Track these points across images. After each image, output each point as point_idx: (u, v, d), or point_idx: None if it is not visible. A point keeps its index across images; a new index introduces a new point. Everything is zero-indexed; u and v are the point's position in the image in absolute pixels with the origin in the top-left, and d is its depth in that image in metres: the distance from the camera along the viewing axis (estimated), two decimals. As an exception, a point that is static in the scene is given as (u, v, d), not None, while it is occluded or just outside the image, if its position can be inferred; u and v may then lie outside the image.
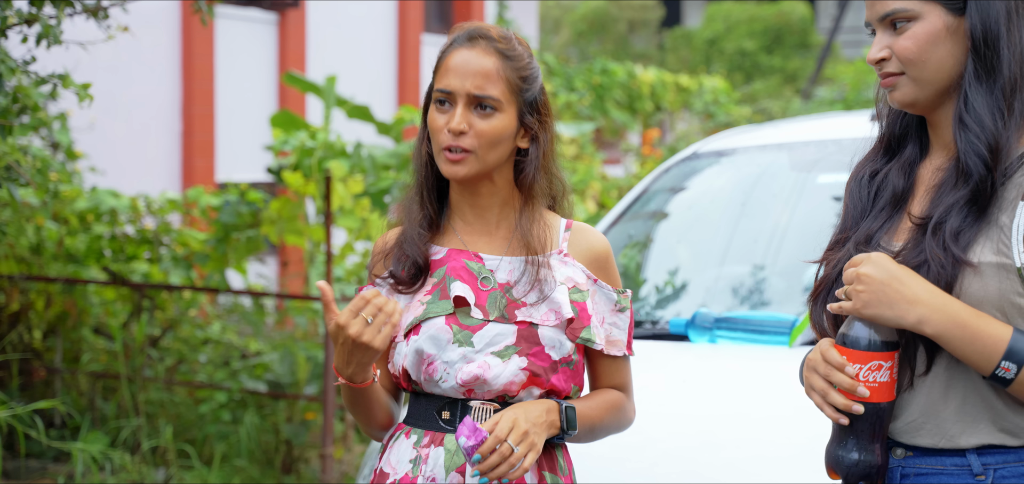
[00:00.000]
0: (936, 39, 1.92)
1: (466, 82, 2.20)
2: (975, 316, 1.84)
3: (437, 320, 2.23)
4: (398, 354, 2.25)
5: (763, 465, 2.69)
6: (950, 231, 1.87)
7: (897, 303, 1.85)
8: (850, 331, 1.91)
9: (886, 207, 2.02)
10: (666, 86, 14.63)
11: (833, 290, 2.01)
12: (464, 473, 2.20)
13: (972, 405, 1.91)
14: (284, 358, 6.18)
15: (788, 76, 22.84)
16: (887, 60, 1.95)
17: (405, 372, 2.26)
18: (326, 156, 6.27)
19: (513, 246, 2.29)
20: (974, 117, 1.89)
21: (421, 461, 2.23)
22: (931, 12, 1.92)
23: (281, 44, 10.87)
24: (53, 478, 5.93)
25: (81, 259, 6.43)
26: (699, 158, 3.88)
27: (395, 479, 2.24)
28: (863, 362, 1.88)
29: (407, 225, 2.30)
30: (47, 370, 6.38)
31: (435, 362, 2.22)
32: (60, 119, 7.25)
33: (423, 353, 2.22)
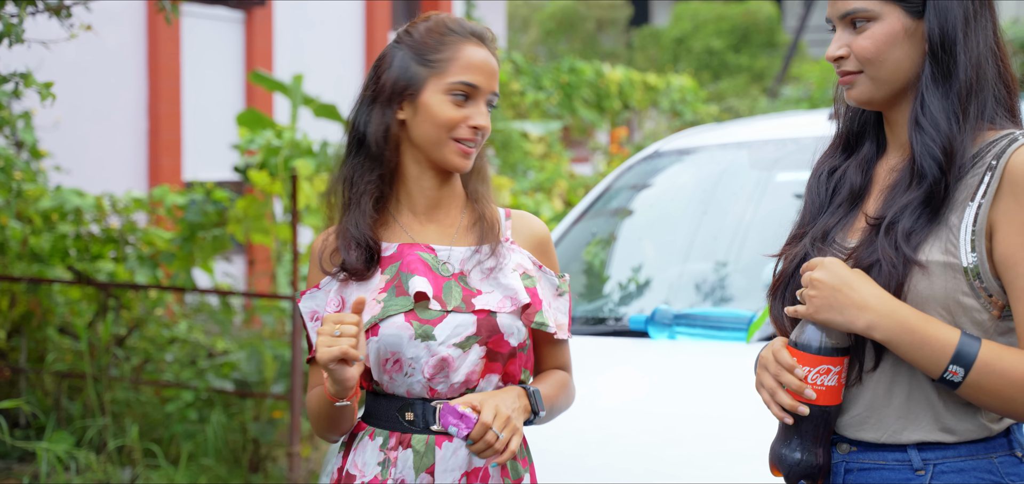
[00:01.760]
0: (894, 40, 1.94)
1: (490, 81, 2.26)
2: (923, 321, 1.87)
3: (396, 318, 2.21)
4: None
5: (724, 461, 2.73)
6: (902, 231, 1.90)
7: (847, 308, 1.89)
8: (802, 334, 1.94)
9: (843, 204, 2.04)
10: (634, 85, 14.68)
11: (790, 285, 2.04)
12: (433, 473, 2.21)
13: (915, 402, 1.94)
14: (251, 357, 6.18)
15: (755, 75, 22.96)
16: (845, 58, 1.97)
17: (366, 371, 2.25)
18: (292, 155, 6.27)
19: (461, 235, 2.30)
20: (929, 120, 1.91)
21: (390, 464, 2.22)
22: (890, 13, 1.94)
23: (248, 43, 10.84)
24: (18, 478, 5.90)
25: (46, 258, 6.40)
26: (661, 157, 3.92)
27: (363, 482, 2.24)
28: (812, 365, 1.92)
29: (354, 213, 2.26)
30: (11, 370, 6.34)
31: (401, 360, 2.21)
32: (24, 117, 7.20)
33: (386, 352, 2.21)
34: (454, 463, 2.23)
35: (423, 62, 2.24)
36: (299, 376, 5.65)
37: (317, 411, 2.26)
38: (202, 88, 10.44)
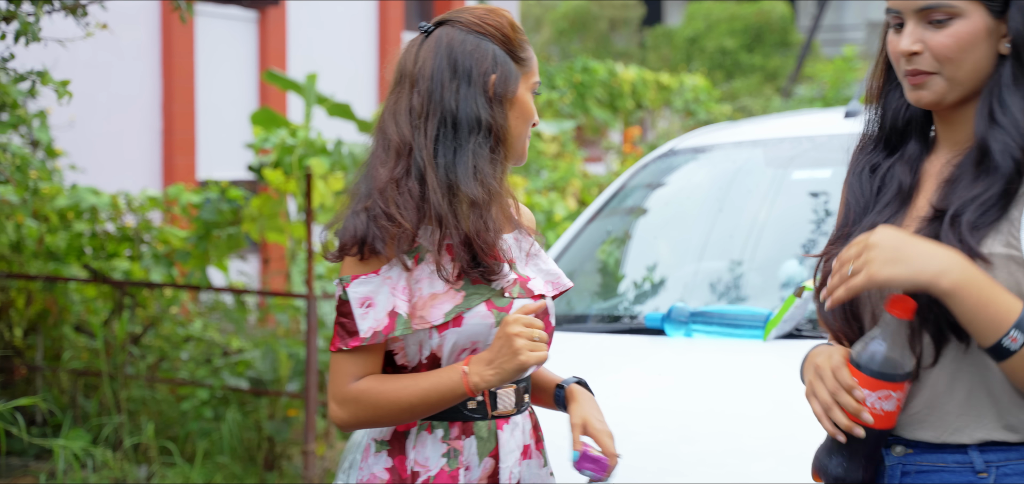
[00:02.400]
0: (976, 40, 1.88)
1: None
2: (990, 281, 1.81)
3: (479, 307, 2.21)
4: (425, 346, 2.22)
5: (739, 458, 2.72)
6: (967, 223, 1.85)
7: (913, 259, 1.80)
8: (865, 352, 1.87)
9: (891, 202, 1.99)
10: (647, 84, 14.66)
11: None
12: (496, 455, 2.23)
13: (977, 399, 1.88)
14: (266, 355, 6.19)
15: (768, 74, 22.92)
16: (919, 55, 1.91)
17: (433, 361, 2.22)
18: (307, 153, 6.28)
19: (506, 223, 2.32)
20: (1010, 120, 1.86)
21: (457, 454, 2.23)
22: (974, 11, 1.88)
23: (262, 42, 10.87)
24: (35, 475, 5.93)
25: (62, 257, 6.43)
26: (676, 155, 3.91)
27: (429, 476, 2.22)
28: (873, 389, 1.85)
29: (474, 219, 2.20)
30: (28, 368, 6.37)
31: (479, 348, 2.22)
32: (40, 116, 7.23)
33: (466, 342, 2.21)
34: (513, 444, 2.26)
35: (517, 60, 2.26)
36: (314, 374, 5.66)
37: (401, 404, 2.20)
38: (216, 87, 10.47)
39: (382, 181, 2.18)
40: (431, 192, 2.18)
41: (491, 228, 2.19)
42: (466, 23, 2.25)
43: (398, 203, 2.17)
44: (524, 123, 2.26)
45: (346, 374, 2.21)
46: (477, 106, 2.20)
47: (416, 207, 2.18)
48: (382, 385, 2.20)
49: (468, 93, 2.21)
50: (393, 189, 2.17)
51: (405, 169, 2.19)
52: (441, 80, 2.20)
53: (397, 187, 2.18)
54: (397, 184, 2.18)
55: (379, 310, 2.17)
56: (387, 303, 2.17)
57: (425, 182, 2.18)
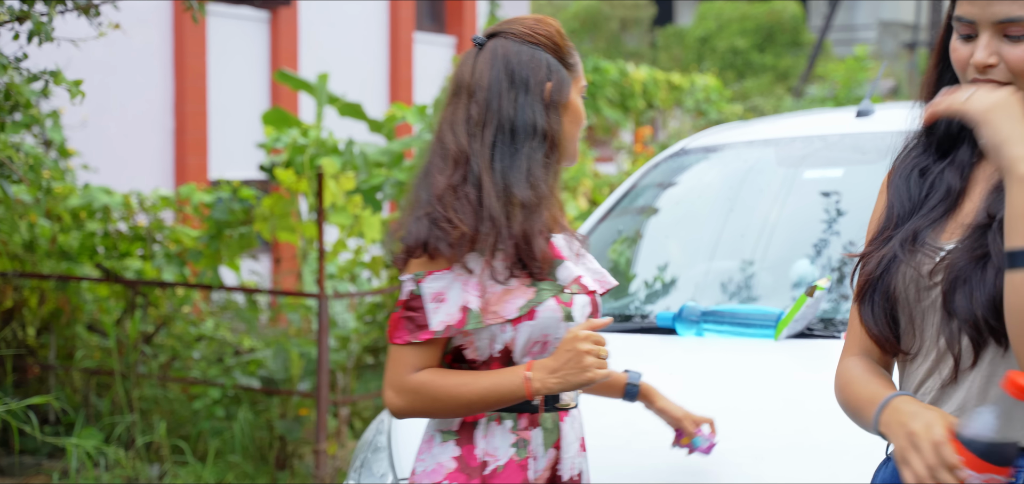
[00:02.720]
0: None
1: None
2: None
3: (550, 301, 2.32)
4: (498, 339, 2.31)
5: (754, 457, 2.72)
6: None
7: (1017, 131, 1.77)
8: (972, 427, 1.75)
9: (938, 205, 1.96)
10: (658, 84, 14.64)
11: (878, 288, 1.96)
12: (559, 446, 2.37)
13: (1010, 404, 1.81)
14: (277, 354, 6.20)
15: (780, 74, 22.88)
16: (994, 67, 1.88)
17: (506, 354, 2.32)
18: (318, 153, 6.29)
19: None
20: None
21: (526, 444, 2.34)
22: None
23: (273, 42, 10.89)
24: (48, 474, 5.95)
25: (74, 256, 6.45)
26: (687, 154, 3.91)
27: (497, 465, 2.33)
28: (979, 471, 1.73)
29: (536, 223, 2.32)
30: (41, 367, 6.39)
31: (549, 342, 2.33)
32: (52, 116, 7.25)
33: (537, 335, 2.31)
34: (573, 436, 2.40)
35: (566, 66, 2.38)
36: (325, 374, 5.67)
37: (465, 398, 2.29)
38: (228, 87, 10.50)
39: (440, 188, 2.29)
40: (486, 196, 2.28)
41: (540, 230, 2.30)
42: (518, 34, 2.36)
43: (456, 208, 2.27)
44: (576, 125, 2.39)
45: (408, 365, 2.31)
46: (534, 113, 2.32)
47: (473, 211, 2.27)
48: (443, 379, 2.30)
49: (526, 101, 2.32)
50: (451, 195, 2.28)
51: (462, 176, 2.29)
52: (499, 90, 2.31)
53: (454, 193, 2.28)
54: (455, 190, 2.28)
55: (450, 305, 2.28)
56: (459, 298, 2.28)
57: (481, 187, 2.28)
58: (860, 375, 2.00)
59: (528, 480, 2.33)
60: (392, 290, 6.29)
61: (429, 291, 2.29)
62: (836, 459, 2.54)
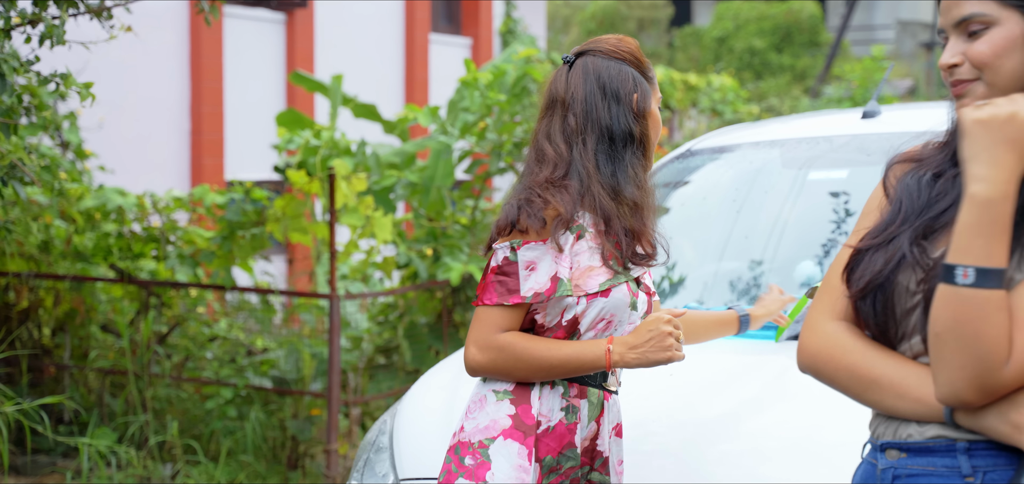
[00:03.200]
0: (1013, 46, 1.86)
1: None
2: (1005, 221, 1.77)
3: (623, 286, 2.58)
4: (570, 310, 2.55)
5: (758, 458, 2.73)
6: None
7: (1001, 155, 1.77)
8: None
9: (948, 210, 1.95)
10: (674, 84, 14.64)
11: (883, 287, 1.94)
12: (600, 421, 2.60)
13: None
14: (289, 355, 6.23)
15: (797, 74, 22.82)
16: (959, 65, 1.90)
17: (573, 325, 2.55)
18: (330, 154, 6.32)
19: None
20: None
21: (576, 410, 2.57)
22: (1009, 18, 1.86)
23: (289, 44, 10.93)
24: (62, 473, 5.99)
25: (89, 257, 6.49)
26: (694, 155, 3.91)
27: (549, 425, 2.55)
28: None
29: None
30: (56, 367, 6.44)
31: (613, 321, 2.57)
32: (69, 118, 7.31)
33: (606, 313, 2.56)
34: (612, 415, 2.65)
35: (647, 78, 2.67)
36: (337, 374, 5.70)
37: (542, 360, 2.52)
38: (244, 89, 10.54)
39: (540, 180, 2.57)
40: (598, 196, 2.56)
41: (648, 223, 2.61)
42: (605, 51, 2.65)
43: (554, 194, 2.55)
44: (657, 132, 2.66)
45: (494, 325, 2.55)
46: (628, 121, 2.60)
47: (572, 199, 2.55)
48: (528, 342, 2.54)
49: (618, 111, 2.60)
50: (550, 186, 2.56)
51: (564, 173, 2.58)
52: (594, 102, 2.59)
53: (554, 185, 2.56)
54: (553, 182, 2.56)
55: (541, 274, 2.52)
56: (550, 269, 2.53)
57: (587, 185, 2.57)
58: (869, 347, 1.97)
59: (573, 443, 2.56)
60: (404, 291, 6.32)
61: (524, 259, 2.53)
62: (838, 459, 2.54)
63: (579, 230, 2.55)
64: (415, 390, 3.22)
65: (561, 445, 2.55)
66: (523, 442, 2.52)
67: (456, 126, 6.72)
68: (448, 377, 3.18)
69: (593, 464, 2.62)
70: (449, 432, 2.79)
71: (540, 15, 14.93)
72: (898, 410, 1.90)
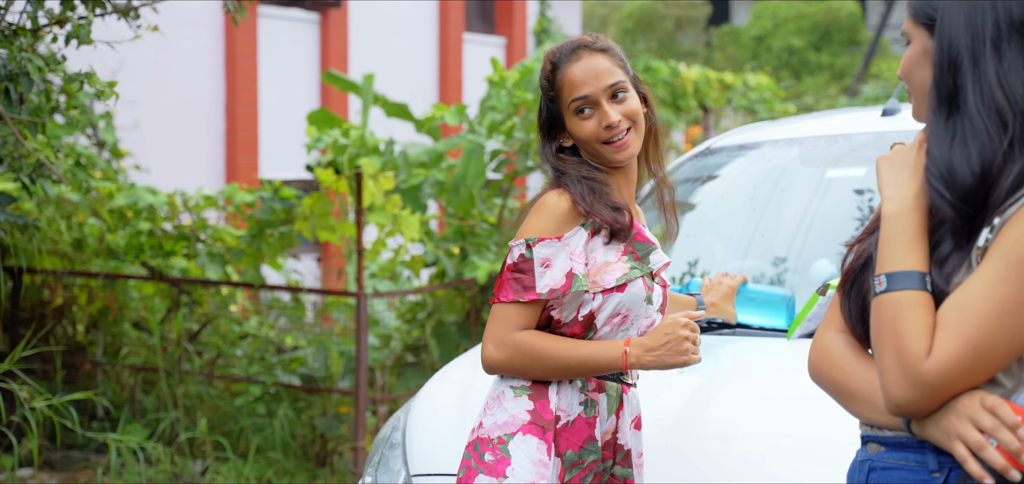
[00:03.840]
0: (917, 61, 1.95)
1: (599, 81, 2.59)
2: (919, 228, 1.86)
3: (639, 280, 2.59)
4: (586, 306, 2.56)
5: (778, 454, 2.72)
6: (938, 258, 1.86)
7: (893, 175, 1.91)
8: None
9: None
10: (710, 83, 14.57)
11: (858, 281, 2.00)
12: (619, 414, 2.61)
13: None
14: (318, 353, 6.27)
15: (836, 73, 22.65)
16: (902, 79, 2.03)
17: (589, 320, 2.56)
18: (359, 153, 6.35)
19: (641, 215, 2.71)
20: (932, 156, 1.87)
21: (594, 405, 2.58)
22: (917, 35, 1.95)
23: (323, 43, 10.99)
24: (94, 469, 6.06)
25: (122, 255, 6.56)
26: (713, 153, 3.91)
27: (568, 420, 2.56)
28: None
29: (603, 193, 2.58)
30: (90, 363, 6.52)
31: (629, 316, 2.58)
32: (105, 118, 7.39)
33: (622, 308, 2.57)
34: (631, 409, 2.66)
35: (552, 100, 2.64)
36: (364, 372, 5.73)
37: (559, 359, 2.53)
38: (278, 88, 10.61)
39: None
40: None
41: (616, 208, 2.58)
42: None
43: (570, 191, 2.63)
44: (581, 142, 2.62)
45: (511, 322, 2.55)
46: (548, 113, 2.69)
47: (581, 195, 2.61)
48: (546, 342, 2.55)
49: (543, 102, 2.68)
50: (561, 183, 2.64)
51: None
52: (542, 106, 2.69)
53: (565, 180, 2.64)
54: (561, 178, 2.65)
55: (556, 271, 2.53)
56: (565, 265, 2.53)
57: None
58: (852, 359, 2.02)
59: (594, 436, 2.57)
60: (432, 289, 6.34)
61: (539, 256, 2.54)
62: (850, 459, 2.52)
63: (595, 225, 2.56)
64: (429, 387, 3.23)
65: (582, 439, 2.56)
66: (542, 437, 2.53)
67: (485, 125, 6.73)
68: (461, 373, 3.20)
69: (615, 458, 2.63)
70: (462, 428, 2.80)
71: (575, 15, 14.92)
72: (874, 421, 1.97)
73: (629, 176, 2.66)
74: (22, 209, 6.04)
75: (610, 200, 2.57)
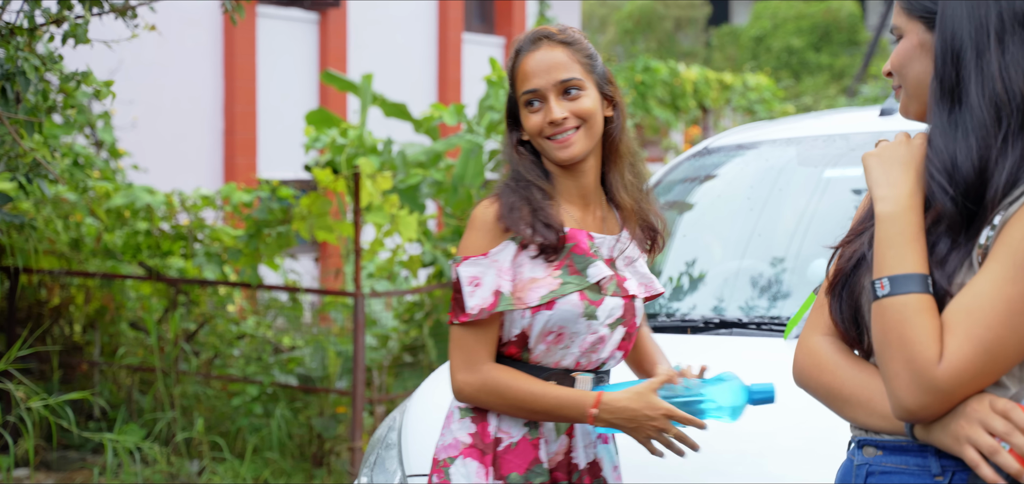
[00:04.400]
0: (912, 55, 1.93)
1: (551, 75, 2.47)
2: (916, 229, 1.84)
3: (573, 296, 2.45)
4: (515, 324, 2.46)
5: (776, 455, 2.72)
6: (937, 258, 1.85)
7: (888, 177, 1.88)
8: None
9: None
10: (709, 83, 14.58)
11: (847, 284, 1.98)
12: (572, 434, 2.50)
13: None
14: (315, 353, 6.26)
15: (836, 74, 22.66)
16: (892, 74, 2.01)
17: (522, 339, 2.46)
18: (357, 153, 6.34)
19: (607, 224, 2.56)
20: (934, 147, 1.85)
21: (539, 426, 2.48)
22: (912, 29, 1.93)
23: (322, 43, 10.98)
24: (90, 469, 6.05)
25: (119, 255, 6.56)
26: (710, 153, 3.90)
27: (511, 442, 2.47)
28: None
29: (535, 203, 2.46)
30: (87, 363, 6.51)
31: (564, 334, 2.45)
32: (103, 117, 7.38)
33: (553, 326, 2.44)
34: (587, 427, 2.53)
35: (512, 87, 2.54)
36: (361, 372, 5.72)
37: (526, 403, 2.43)
38: (277, 88, 10.60)
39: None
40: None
41: (543, 216, 2.46)
42: None
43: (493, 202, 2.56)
44: (530, 135, 2.52)
45: (466, 346, 2.46)
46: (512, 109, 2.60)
47: (507, 206, 2.51)
48: (514, 381, 2.44)
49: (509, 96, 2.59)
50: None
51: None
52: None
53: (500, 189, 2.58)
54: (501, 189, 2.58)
55: (485, 289, 2.43)
56: (493, 283, 2.43)
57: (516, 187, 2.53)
58: (843, 363, 1.99)
59: (539, 459, 2.47)
60: (429, 289, 6.33)
61: (466, 275, 2.45)
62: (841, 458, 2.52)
63: (527, 236, 2.44)
64: (424, 387, 3.22)
65: (528, 462, 2.46)
66: (481, 461, 2.46)
67: (483, 125, 6.73)
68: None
69: (570, 477, 2.52)
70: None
71: (575, 15, 14.92)
72: (871, 426, 1.95)
73: (579, 180, 2.52)
74: (19, 209, 6.03)
75: (542, 214, 2.44)
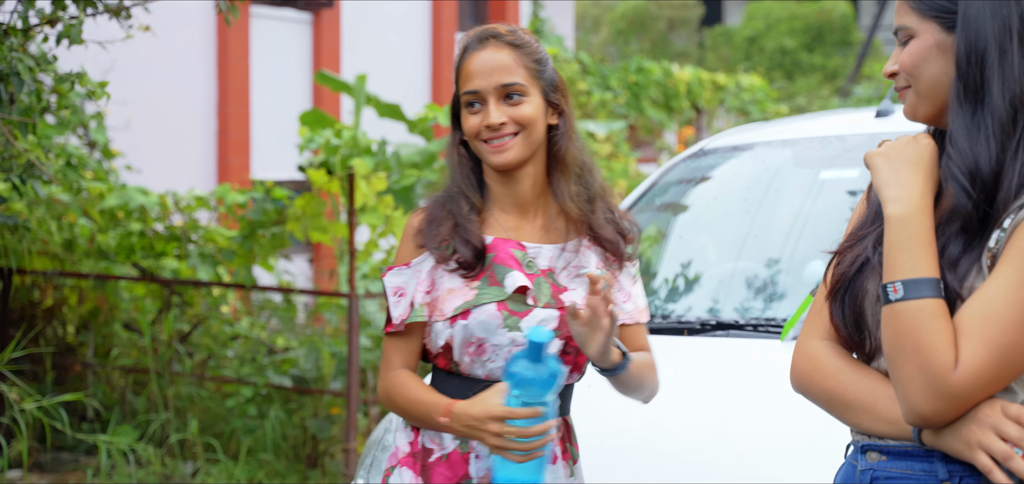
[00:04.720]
0: (928, 55, 1.91)
1: (492, 78, 2.38)
2: (927, 233, 1.83)
3: (488, 306, 2.37)
4: (439, 335, 2.39)
5: (772, 457, 2.72)
6: (948, 260, 1.84)
7: (895, 175, 1.87)
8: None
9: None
10: (703, 84, 14.59)
11: (850, 289, 1.98)
12: None
13: None
14: (310, 354, 6.25)
15: (829, 74, 22.69)
16: (897, 74, 1.98)
17: (447, 350, 2.40)
18: (351, 153, 6.33)
19: (550, 233, 2.46)
20: (957, 147, 1.85)
21: (469, 441, 2.40)
22: (926, 29, 1.91)
23: (315, 44, 10.97)
24: (83, 471, 6.04)
25: (112, 255, 6.54)
26: (706, 154, 3.90)
27: (442, 453, 2.42)
28: None
29: (458, 216, 2.41)
30: (81, 365, 6.49)
31: (485, 345, 2.38)
32: (96, 118, 7.37)
33: (471, 337, 2.37)
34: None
35: (456, 85, 2.45)
36: (356, 374, 5.71)
37: (408, 410, 2.42)
38: (271, 88, 10.59)
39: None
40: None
41: (462, 233, 2.41)
42: None
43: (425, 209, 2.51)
44: (467, 137, 2.44)
45: (385, 354, 2.45)
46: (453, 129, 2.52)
47: (429, 215, 2.46)
48: (404, 387, 2.42)
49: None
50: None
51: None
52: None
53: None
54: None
55: (407, 300, 2.40)
56: (411, 294, 2.40)
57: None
58: (845, 368, 1.98)
59: (469, 474, 2.41)
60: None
61: (390, 286, 2.43)
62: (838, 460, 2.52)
63: (443, 250, 2.40)
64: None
65: (458, 476, 2.41)
66: (414, 469, 2.44)
67: (477, 126, 6.72)
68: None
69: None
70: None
71: (568, 15, 14.91)
72: (874, 430, 1.93)
73: (515, 187, 2.43)
74: (12, 210, 6.01)
75: (462, 230, 2.39)
